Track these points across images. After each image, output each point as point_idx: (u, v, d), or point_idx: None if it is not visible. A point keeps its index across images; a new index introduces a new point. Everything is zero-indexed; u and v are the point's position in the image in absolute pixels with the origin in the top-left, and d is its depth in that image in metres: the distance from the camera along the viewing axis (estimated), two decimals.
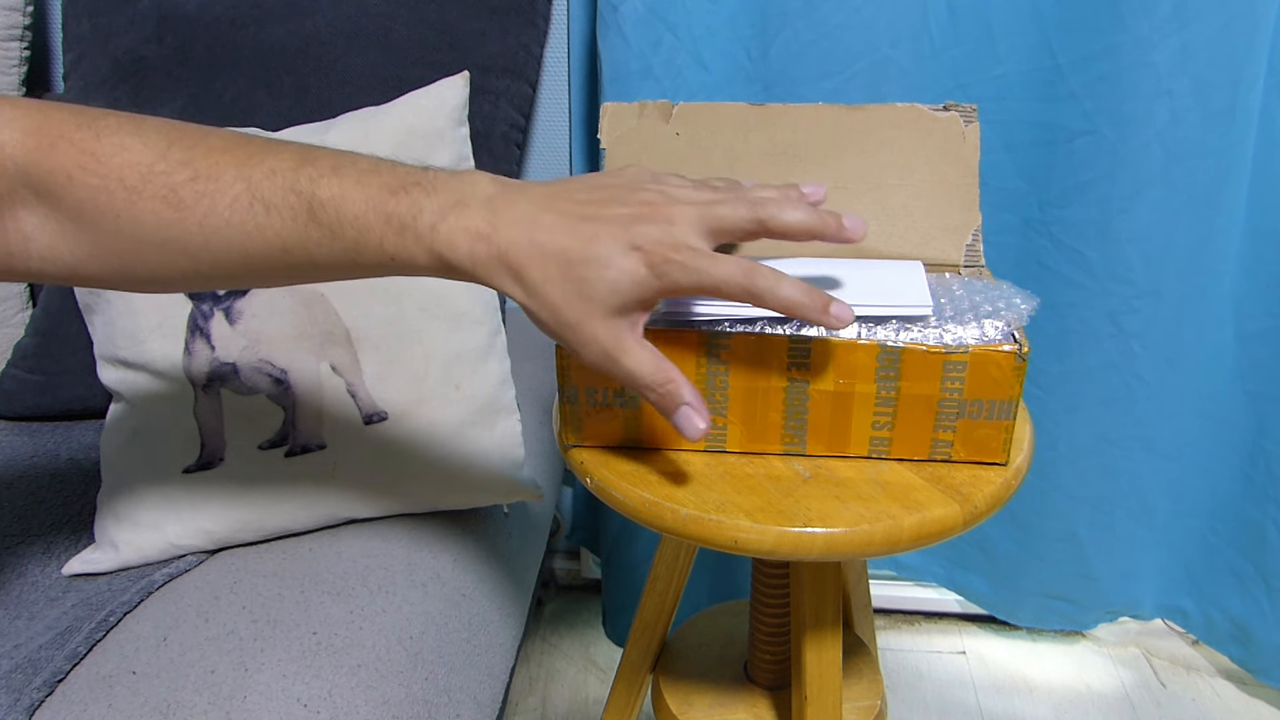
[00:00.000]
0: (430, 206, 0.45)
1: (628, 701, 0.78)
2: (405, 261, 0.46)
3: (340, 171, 0.46)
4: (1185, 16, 0.90)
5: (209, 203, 0.45)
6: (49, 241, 0.47)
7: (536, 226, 0.45)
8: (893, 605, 1.33)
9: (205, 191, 0.45)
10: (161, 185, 0.45)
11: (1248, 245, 1.02)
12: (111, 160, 0.45)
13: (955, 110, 0.63)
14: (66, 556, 0.76)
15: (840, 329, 0.49)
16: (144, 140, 0.46)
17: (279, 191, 0.45)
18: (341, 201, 0.45)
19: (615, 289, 0.45)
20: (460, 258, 0.45)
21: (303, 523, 0.75)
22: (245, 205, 0.45)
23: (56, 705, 0.59)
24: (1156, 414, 1.09)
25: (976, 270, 0.61)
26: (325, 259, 0.46)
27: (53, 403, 0.94)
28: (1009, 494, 0.55)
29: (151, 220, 0.45)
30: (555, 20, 1.07)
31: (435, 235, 0.45)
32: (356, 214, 0.45)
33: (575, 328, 0.46)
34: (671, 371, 0.47)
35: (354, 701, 0.60)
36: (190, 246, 0.46)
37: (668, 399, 0.48)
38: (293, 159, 0.46)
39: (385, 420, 0.75)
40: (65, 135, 0.45)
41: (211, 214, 0.45)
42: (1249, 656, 1.16)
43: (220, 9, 0.97)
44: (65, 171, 0.45)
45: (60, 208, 0.46)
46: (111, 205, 0.45)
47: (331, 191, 0.45)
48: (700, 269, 0.45)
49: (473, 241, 0.45)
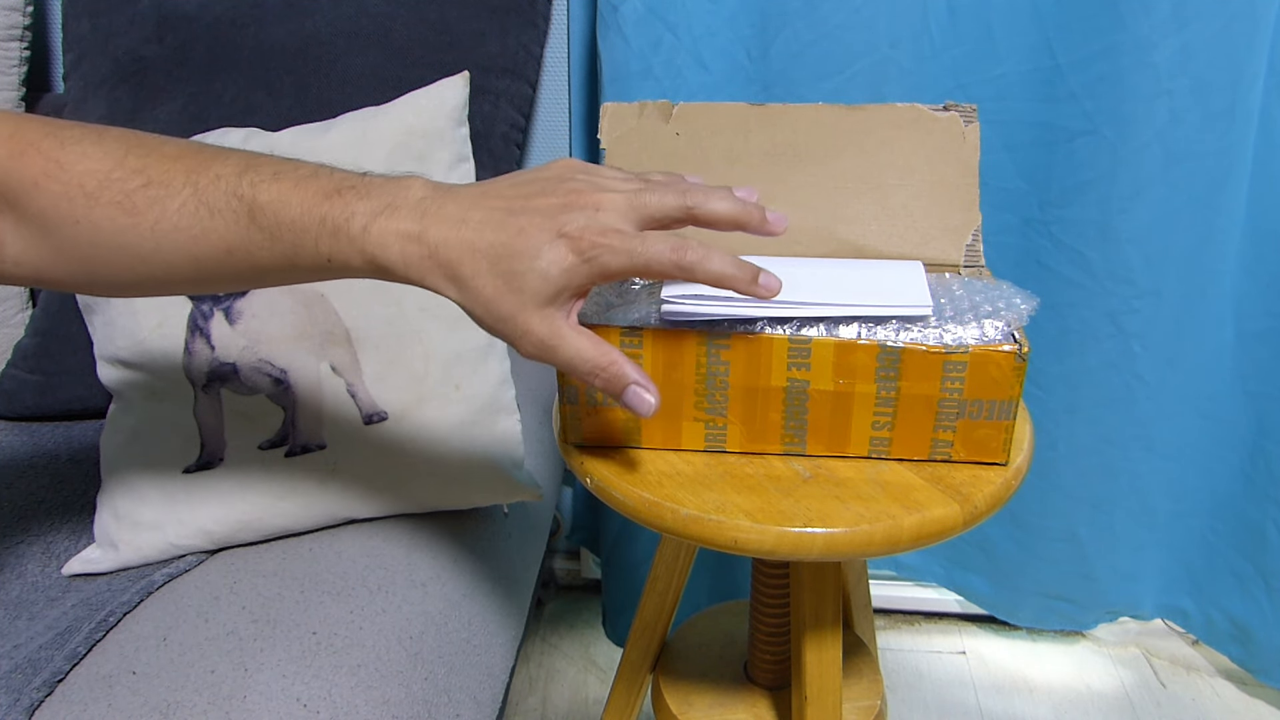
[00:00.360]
0: (363, 210, 0.46)
1: (628, 701, 0.78)
2: (341, 264, 0.47)
3: (280, 177, 0.47)
4: (1185, 16, 0.90)
5: (160, 208, 0.47)
6: (20, 247, 0.49)
7: (465, 225, 0.46)
8: (893, 605, 1.33)
9: (157, 197, 0.47)
10: (117, 191, 0.47)
11: (1248, 245, 1.02)
12: (74, 168, 0.47)
13: (955, 110, 0.63)
14: (66, 556, 0.76)
15: (769, 299, 0.49)
16: (104, 149, 0.48)
17: (223, 196, 0.47)
18: (280, 205, 0.47)
19: (545, 278, 0.45)
20: (392, 259, 0.46)
21: (303, 523, 0.75)
22: (192, 210, 0.47)
23: (56, 705, 0.59)
24: (1156, 414, 1.09)
25: (976, 270, 0.61)
26: (267, 261, 0.48)
27: (53, 403, 0.94)
28: (1009, 494, 0.55)
29: (108, 226, 0.47)
30: (555, 20, 1.07)
31: (367, 237, 0.46)
32: (293, 217, 0.47)
33: (510, 320, 0.46)
34: (613, 353, 0.48)
35: (354, 701, 0.60)
36: (143, 251, 0.48)
37: (614, 381, 0.48)
38: (238, 165, 0.48)
39: (385, 420, 0.75)
40: (34, 144, 0.47)
41: (162, 219, 0.47)
42: (1249, 656, 1.16)
43: (220, 9, 0.97)
44: (32, 179, 0.47)
45: (26, 215, 0.48)
46: (72, 212, 0.47)
47: (270, 196, 0.47)
48: (629, 249, 0.46)
49: (403, 242, 0.46)
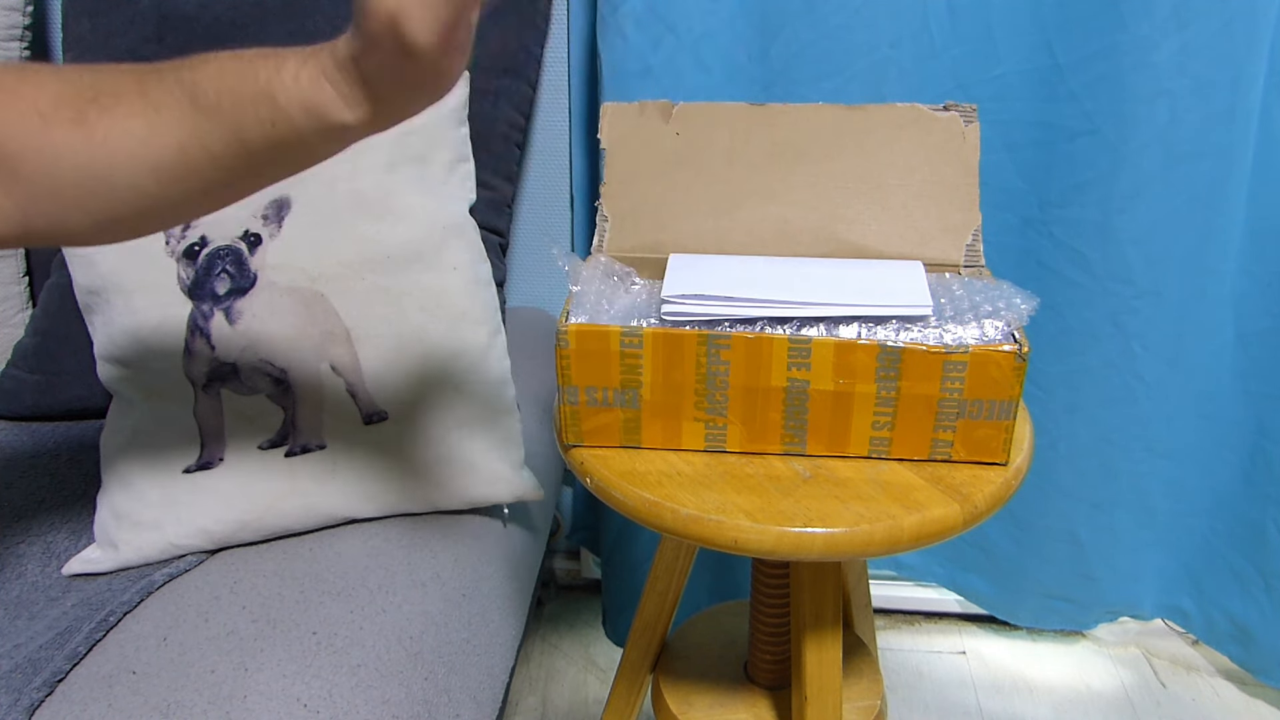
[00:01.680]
0: (294, 57, 0.46)
1: (628, 701, 0.78)
2: (286, 128, 0.46)
3: (221, 57, 0.47)
4: (1185, 16, 0.90)
5: (110, 117, 0.47)
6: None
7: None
8: (893, 605, 1.33)
9: (107, 107, 0.47)
10: (69, 109, 0.47)
11: (1248, 245, 1.02)
12: (29, 95, 0.47)
13: (955, 110, 0.63)
14: (66, 556, 0.76)
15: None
16: (61, 76, 0.48)
17: (165, 89, 0.47)
18: (216, 78, 0.46)
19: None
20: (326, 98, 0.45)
21: (303, 523, 0.75)
22: (139, 111, 0.47)
23: (56, 705, 0.59)
24: (1156, 414, 1.09)
25: (976, 270, 0.61)
26: (219, 148, 0.47)
27: (53, 403, 0.94)
28: (1009, 494, 0.55)
29: (63, 147, 0.47)
30: (555, 20, 1.07)
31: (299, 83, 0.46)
32: (230, 85, 0.46)
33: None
34: None
35: (354, 701, 0.60)
36: (99, 169, 0.47)
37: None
38: (186, 60, 0.48)
39: (385, 420, 0.75)
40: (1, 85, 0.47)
41: (113, 128, 0.47)
42: (1249, 656, 1.16)
43: (220, 9, 0.97)
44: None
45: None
46: (30, 140, 0.46)
47: (209, 73, 0.46)
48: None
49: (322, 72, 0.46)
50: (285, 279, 0.74)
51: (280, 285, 0.74)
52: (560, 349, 0.54)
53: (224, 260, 0.74)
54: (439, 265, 0.77)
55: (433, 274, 0.77)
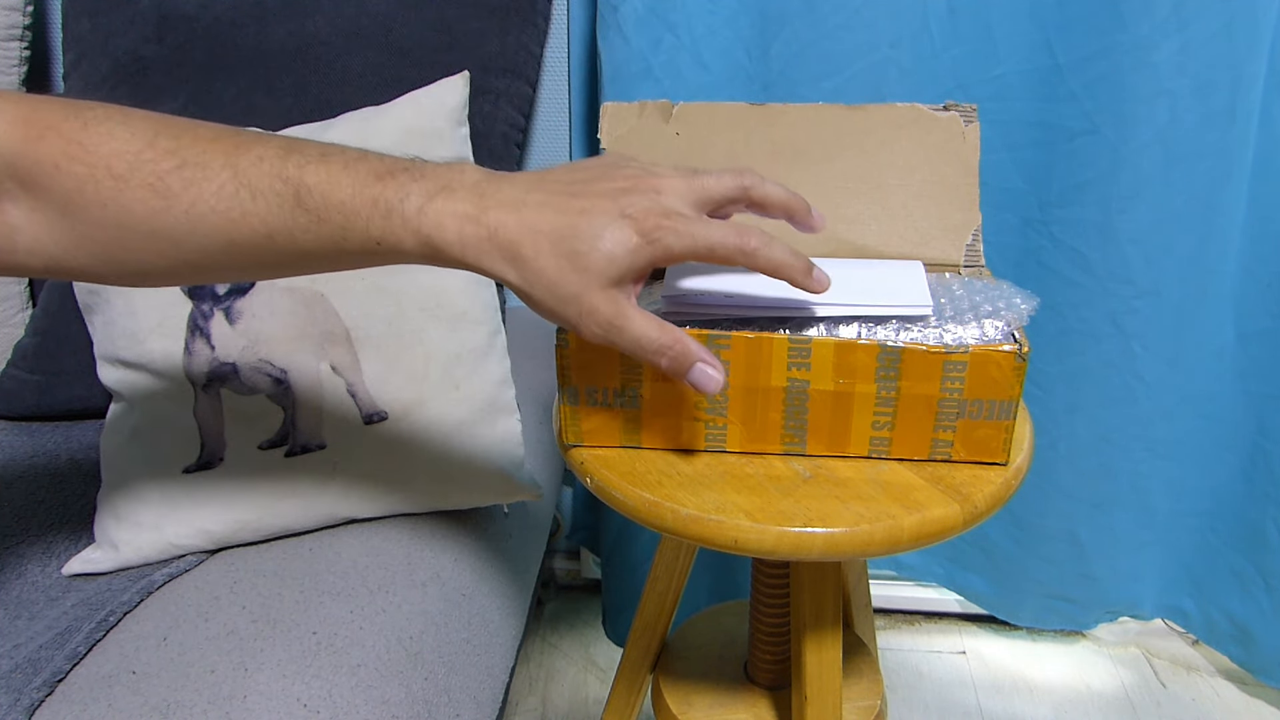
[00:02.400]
0: (417, 190, 0.45)
1: (628, 701, 0.78)
2: (392, 246, 0.46)
3: (328, 159, 0.46)
4: (1185, 16, 0.90)
5: (196, 190, 0.45)
6: (35, 233, 0.46)
7: (525, 205, 0.45)
8: (893, 605, 1.33)
9: (192, 179, 0.45)
10: (149, 173, 0.45)
11: (1248, 245, 1.02)
12: (99, 149, 0.45)
13: (955, 110, 0.63)
14: (66, 556, 0.76)
15: (820, 292, 0.50)
16: (131, 129, 0.46)
17: (265, 178, 0.45)
18: (328, 186, 0.45)
19: (611, 258, 0.45)
20: (448, 240, 0.45)
21: (303, 523, 0.75)
22: (231, 192, 0.45)
23: (56, 705, 0.59)
24: (1156, 414, 1.09)
25: (976, 270, 0.61)
26: (311, 246, 0.46)
27: (53, 403, 0.94)
28: (1009, 494, 0.55)
29: (139, 209, 0.46)
30: (555, 20, 1.07)
31: (422, 218, 0.45)
32: (343, 199, 0.45)
33: (574, 301, 0.46)
34: (677, 332, 0.48)
35: (354, 701, 0.60)
36: (176, 235, 0.46)
37: (680, 360, 0.48)
38: (280, 147, 0.46)
39: (385, 420, 0.75)
40: (53, 126, 0.45)
41: (198, 201, 0.45)
42: (1249, 656, 1.16)
43: (220, 9, 0.97)
44: (52, 161, 0.45)
45: (47, 199, 0.46)
46: (99, 195, 0.45)
47: (319, 177, 0.45)
48: (692, 232, 0.46)
49: (460, 223, 0.45)
50: (285, 279, 0.74)
51: (280, 285, 0.74)
52: (560, 349, 0.54)
53: None
54: None
55: (432, 274, 0.77)
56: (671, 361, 0.48)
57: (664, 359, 0.48)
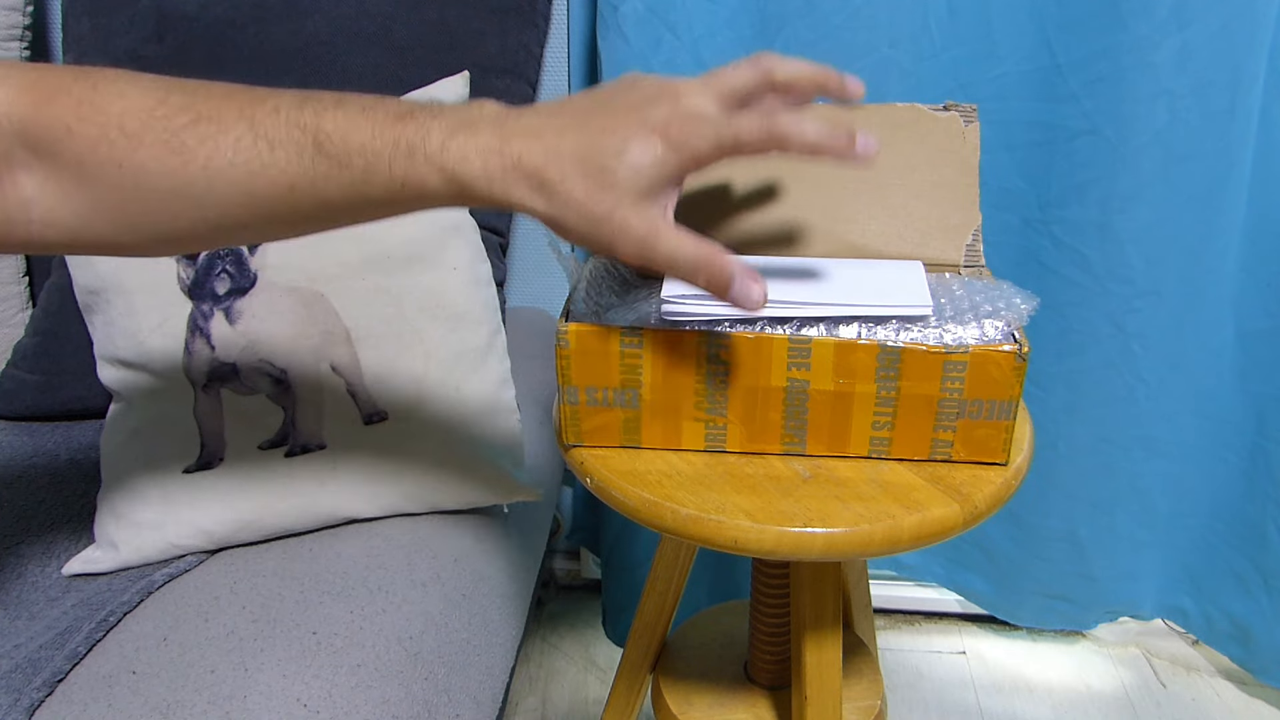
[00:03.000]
0: (438, 127, 0.44)
1: (628, 701, 0.78)
2: (416, 186, 0.45)
3: (344, 104, 0.45)
4: (1185, 16, 0.90)
5: (212, 144, 0.44)
6: (50, 204, 0.45)
7: (546, 131, 0.45)
8: (893, 605, 1.33)
9: (208, 134, 0.44)
10: (163, 130, 0.44)
11: (1248, 245, 1.02)
12: (110, 108, 0.44)
13: (955, 110, 0.63)
14: (66, 556, 0.76)
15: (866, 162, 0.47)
16: (142, 88, 0.45)
17: (283, 127, 0.45)
18: (348, 130, 0.44)
19: (638, 171, 0.44)
20: (473, 174, 0.44)
21: (303, 523, 0.75)
22: (249, 144, 0.45)
23: (56, 705, 0.59)
24: (1156, 414, 1.09)
25: (976, 270, 0.61)
26: (334, 194, 0.45)
27: (53, 403, 0.94)
28: (1009, 494, 0.55)
29: (155, 167, 0.44)
30: (555, 20, 1.07)
31: (445, 154, 0.44)
32: (363, 141, 0.44)
33: (606, 220, 0.45)
34: (714, 249, 0.46)
35: (354, 701, 0.60)
36: (195, 192, 0.45)
37: (718, 275, 0.46)
38: (295, 97, 0.46)
39: (385, 420, 0.75)
40: (62, 88, 0.44)
41: (215, 156, 0.44)
42: (1249, 656, 1.16)
43: (220, 9, 0.97)
44: (64, 124, 0.44)
45: (60, 164, 0.45)
46: (112, 155, 0.44)
47: (337, 122, 0.45)
48: (718, 129, 0.45)
49: (485, 156, 0.44)
50: (285, 279, 0.74)
51: (280, 285, 0.74)
52: (560, 349, 0.54)
53: (224, 260, 0.74)
54: (439, 265, 0.77)
55: (433, 274, 0.77)
56: (709, 279, 0.46)
57: (701, 276, 0.46)
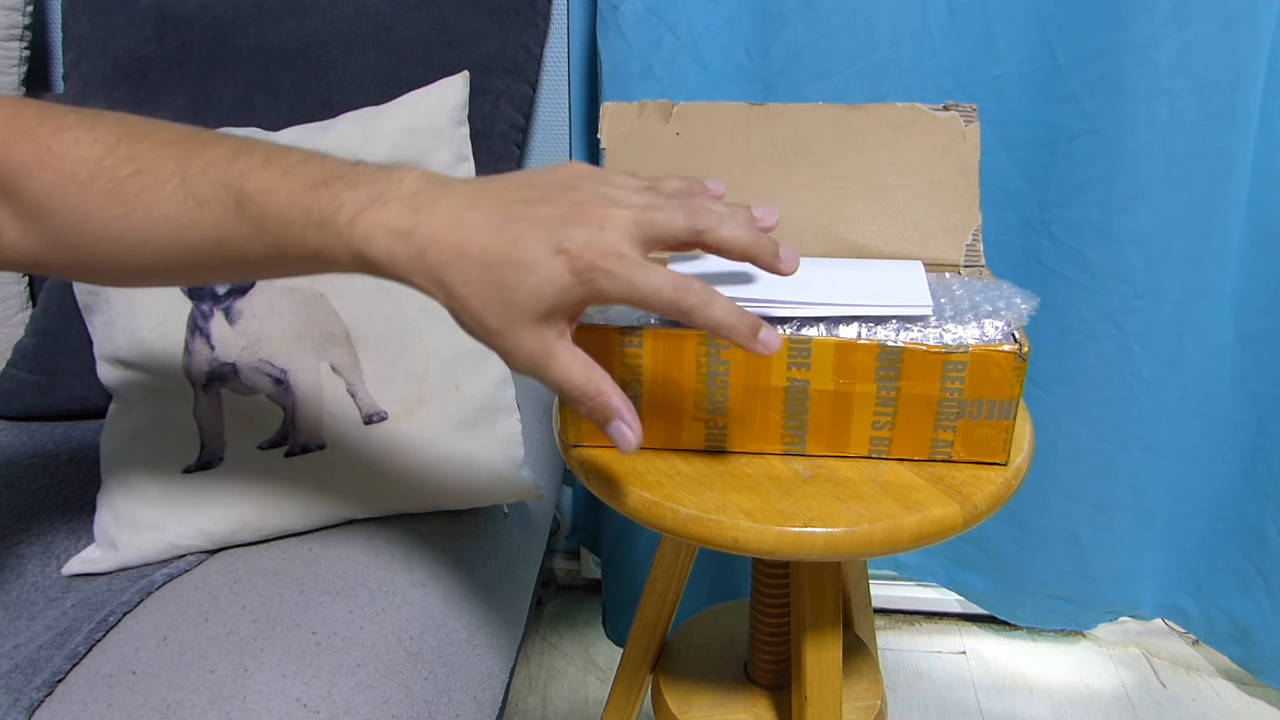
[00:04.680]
0: (351, 201, 0.44)
1: (628, 701, 0.78)
2: (328, 258, 0.45)
3: (270, 164, 0.45)
4: (1185, 16, 0.90)
5: (150, 198, 0.46)
6: (15, 235, 0.48)
7: (458, 226, 0.43)
8: (893, 605, 1.33)
9: (146, 186, 0.46)
10: (107, 180, 0.46)
11: (1248, 245, 1.02)
12: (66, 155, 0.46)
13: (955, 110, 0.63)
14: (66, 556, 0.76)
15: (768, 355, 0.46)
16: (95, 135, 0.47)
17: (210, 185, 0.45)
18: (267, 196, 0.45)
19: (539, 295, 0.43)
20: (378, 255, 0.43)
21: (303, 523, 0.75)
22: (180, 200, 0.46)
23: (56, 705, 0.59)
24: (1156, 414, 1.09)
25: (976, 270, 0.61)
26: (256, 254, 0.46)
27: (53, 403, 0.94)
28: (1009, 494, 0.55)
29: (99, 215, 0.46)
30: (555, 20, 1.07)
31: (353, 231, 0.43)
32: (280, 209, 0.44)
33: (499, 334, 0.44)
34: (601, 382, 0.45)
35: (354, 701, 0.60)
36: (134, 240, 0.47)
37: (598, 411, 0.46)
38: (229, 151, 0.46)
39: (385, 420, 0.75)
40: (27, 131, 0.46)
41: (151, 209, 0.46)
42: (1249, 656, 1.16)
43: (220, 9, 0.97)
44: (25, 167, 0.46)
45: (21, 203, 0.47)
46: (65, 200, 0.46)
47: (258, 185, 0.45)
48: (629, 278, 0.43)
49: (392, 239, 0.43)
50: (285, 279, 0.74)
51: (280, 285, 0.74)
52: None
53: None
54: None
55: None
56: (590, 411, 0.46)
57: (583, 406, 0.45)
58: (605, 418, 0.46)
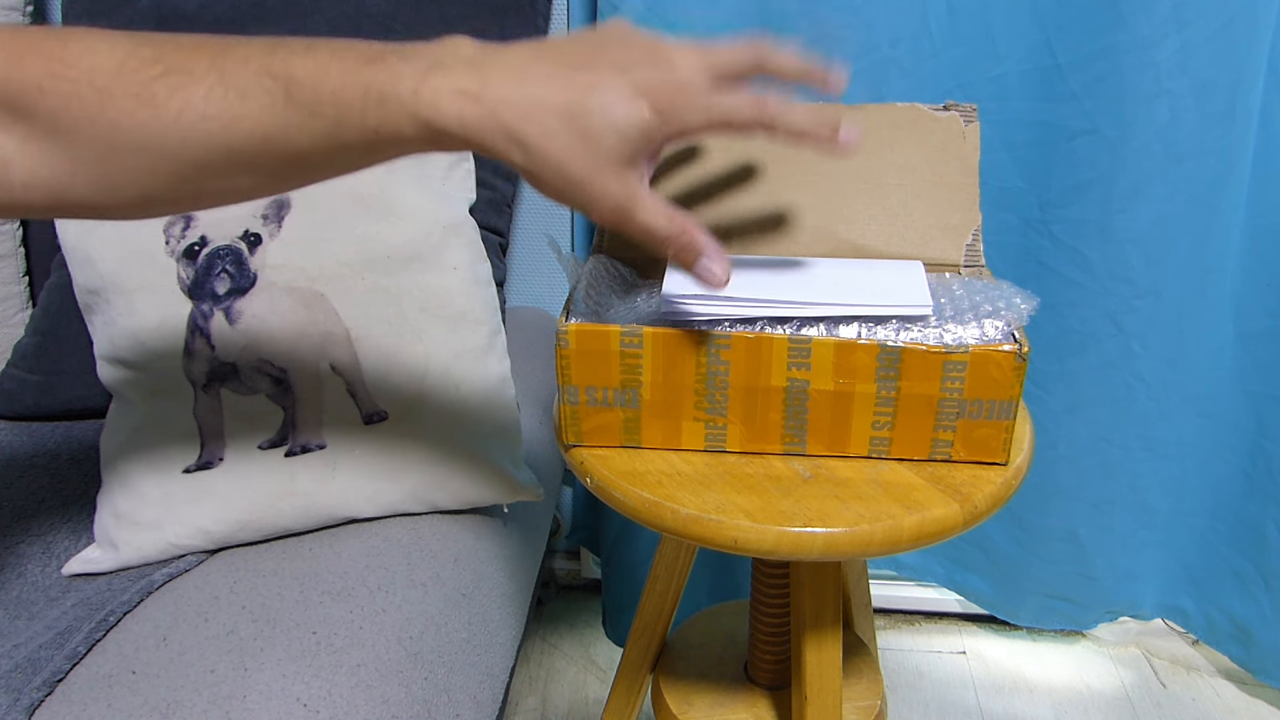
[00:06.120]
0: (409, 70, 0.42)
1: (628, 701, 0.78)
2: (391, 134, 0.43)
3: (314, 50, 0.43)
4: (1185, 16, 0.90)
5: (183, 96, 0.43)
6: (29, 165, 0.45)
7: (528, 79, 0.42)
8: (893, 605, 1.33)
9: (178, 85, 0.43)
10: (133, 83, 0.43)
11: (1247, 245, 1.02)
12: (79, 63, 0.43)
13: (955, 110, 0.63)
14: (66, 556, 0.76)
15: (849, 152, 0.48)
16: (111, 42, 0.44)
17: (253, 76, 0.43)
18: (318, 77, 0.43)
19: (624, 137, 0.43)
20: (448, 120, 0.42)
21: (303, 523, 0.75)
22: (220, 95, 0.43)
23: (56, 705, 0.59)
24: (1156, 414, 1.09)
25: (976, 270, 0.61)
26: (308, 144, 0.44)
27: (53, 403, 0.94)
28: (1009, 494, 0.55)
29: (126, 122, 0.43)
30: (555, 20, 1.07)
31: (418, 99, 0.42)
32: (334, 88, 0.42)
33: (584, 184, 0.43)
34: (687, 222, 0.46)
35: (354, 701, 0.60)
36: (169, 147, 0.44)
37: (685, 250, 0.47)
38: (265, 45, 0.44)
39: (385, 420, 0.75)
40: (33, 46, 0.44)
41: (186, 108, 0.43)
42: (1249, 656, 1.16)
43: (220, 9, 0.97)
44: (35, 83, 0.43)
45: (35, 123, 0.44)
46: (85, 111, 0.43)
47: (307, 69, 0.43)
48: (708, 105, 0.44)
49: (460, 101, 0.42)
50: (285, 279, 0.74)
51: (280, 285, 0.74)
52: (560, 349, 0.54)
53: (224, 260, 0.74)
54: (439, 265, 0.77)
55: (433, 274, 0.77)
56: (678, 251, 0.46)
57: (671, 247, 0.46)
58: (693, 256, 0.47)
